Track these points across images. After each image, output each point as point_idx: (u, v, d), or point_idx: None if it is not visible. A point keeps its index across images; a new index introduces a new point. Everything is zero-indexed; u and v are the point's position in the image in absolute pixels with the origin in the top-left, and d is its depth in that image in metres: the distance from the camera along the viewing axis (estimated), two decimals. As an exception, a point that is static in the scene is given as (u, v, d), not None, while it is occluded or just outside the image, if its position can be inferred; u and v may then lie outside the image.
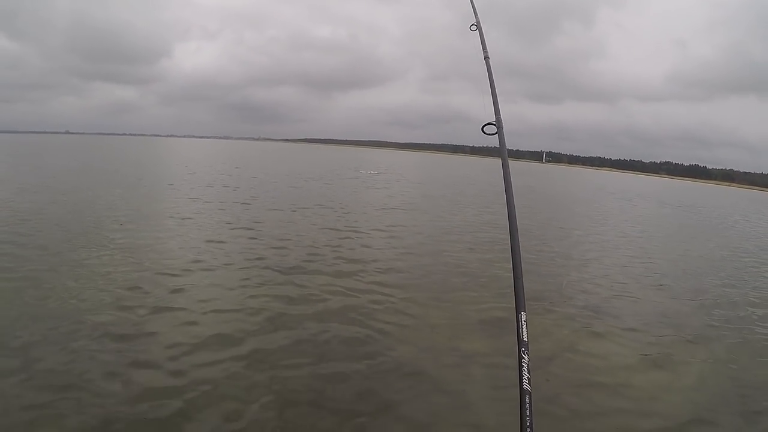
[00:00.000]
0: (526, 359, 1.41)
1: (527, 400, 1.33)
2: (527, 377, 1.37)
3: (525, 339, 1.47)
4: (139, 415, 3.41)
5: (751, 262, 11.40)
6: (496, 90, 2.48)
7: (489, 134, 2.25)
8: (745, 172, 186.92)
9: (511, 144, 2.19)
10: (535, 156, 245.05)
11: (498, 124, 2.27)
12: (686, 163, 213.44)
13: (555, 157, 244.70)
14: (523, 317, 1.53)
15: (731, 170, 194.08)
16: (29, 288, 5.66)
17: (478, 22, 2.95)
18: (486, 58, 2.78)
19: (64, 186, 15.43)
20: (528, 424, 1.30)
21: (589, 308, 6.48)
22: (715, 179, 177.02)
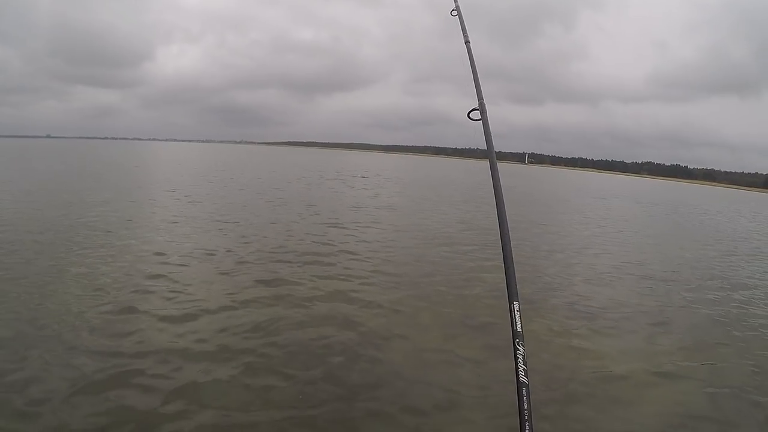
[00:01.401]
0: (521, 350, 1.35)
1: (524, 393, 1.28)
2: (523, 369, 1.32)
3: (519, 330, 1.41)
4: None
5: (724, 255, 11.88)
6: (478, 75, 2.44)
7: (474, 120, 2.18)
8: (726, 172, 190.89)
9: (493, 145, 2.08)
10: (518, 157, 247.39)
11: (481, 108, 2.21)
12: (668, 163, 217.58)
13: (537, 159, 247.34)
14: (516, 307, 1.47)
15: (712, 170, 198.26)
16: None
17: (457, 7, 2.97)
18: (467, 42, 2.75)
19: None
20: (526, 417, 1.25)
21: (575, 308, 6.45)
22: (696, 179, 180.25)
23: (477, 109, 2.20)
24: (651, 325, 5.95)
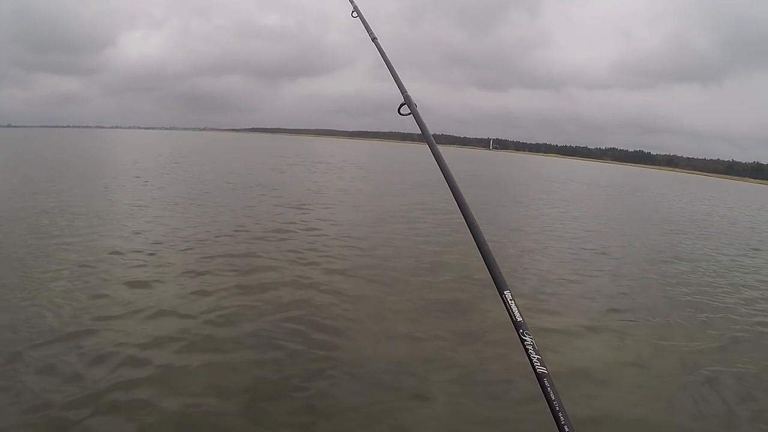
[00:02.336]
0: (529, 340, 1.23)
1: (546, 383, 1.15)
2: (537, 359, 1.19)
3: (519, 319, 1.28)
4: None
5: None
6: (396, 70, 2.44)
7: (404, 114, 2.15)
8: (688, 158, 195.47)
9: (458, 131, 2.15)
10: (483, 143, 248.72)
11: (407, 101, 2.17)
12: (631, 150, 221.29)
13: (502, 144, 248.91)
14: (509, 296, 1.33)
15: (675, 156, 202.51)
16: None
17: (355, 7, 3.05)
18: (374, 39, 2.77)
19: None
20: (557, 408, 1.12)
21: (542, 290, 6.79)
22: (659, 165, 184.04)
23: (404, 104, 2.17)
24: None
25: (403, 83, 2.34)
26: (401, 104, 2.18)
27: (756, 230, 16.16)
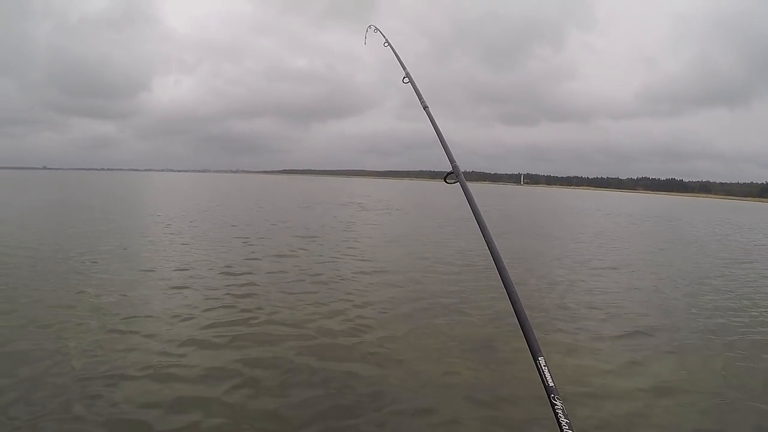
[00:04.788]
0: (560, 405, 1.28)
1: None
2: (566, 422, 1.25)
3: (551, 384, 1.34)
4: None
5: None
6: (445, 138, 2.40)
7: (451, 183, 2.13)
8: (721, 183, 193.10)
9: (488, 167, 1.95)
10: (513, 178, 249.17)
11: (456, 170, 2.14)
12: (663, 178, 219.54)
13: (533, 179, 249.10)
14: (542, 362, 1.39)
15: (707, 182, 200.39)
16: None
17: (408, 74, 3.04)
18: (425, 108, 2.70)
19: None
20: None
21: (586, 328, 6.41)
22: (692, 192, 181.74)
23: (452, 173, 2.14)
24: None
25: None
26: (449, 173, 2.16)
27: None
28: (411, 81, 2.93)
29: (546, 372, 1.37)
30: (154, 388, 4.25)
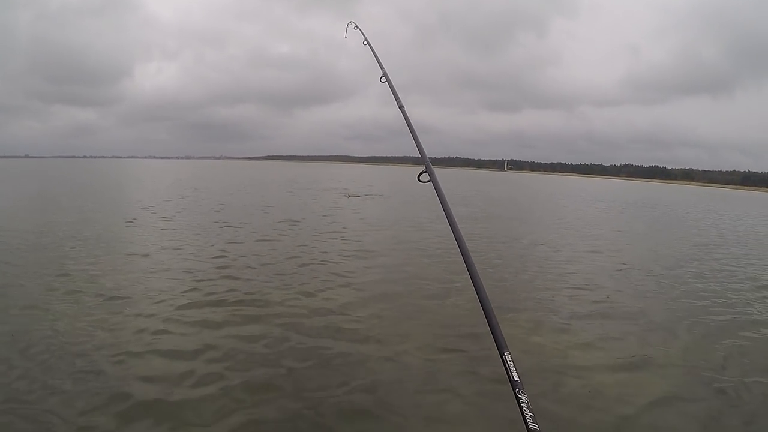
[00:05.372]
0: (524, 399, 1.33)
1: None
2: (530, 416, 1.29)
3: (516, 379, 1.38)
4: None
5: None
6: (419, 137, 2.44)
7: (424, 182, 2.17)
8: (704, 171, 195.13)
9: (471, 153, 2.03)
10: (497, 164, 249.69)
11: (428, 170, 2.18)
12: (646, 165, 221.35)
13: (517, 165, 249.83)
14: (509, 357, 1.43)
15: (690, 169, 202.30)
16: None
17: (385, 73, 3.07)
18: (401, 107, 2.74)
19: None
20: None
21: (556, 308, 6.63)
22: (675, 179, 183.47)
23: (425, 171, 2.17)
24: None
25: (424, 148, 2.36)
26: (422, 172, 2.19)
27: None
28: (388, 81, 2.97)
29: (512, 367, 1.41)
30: (135, 363, 4.43)
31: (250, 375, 4.28)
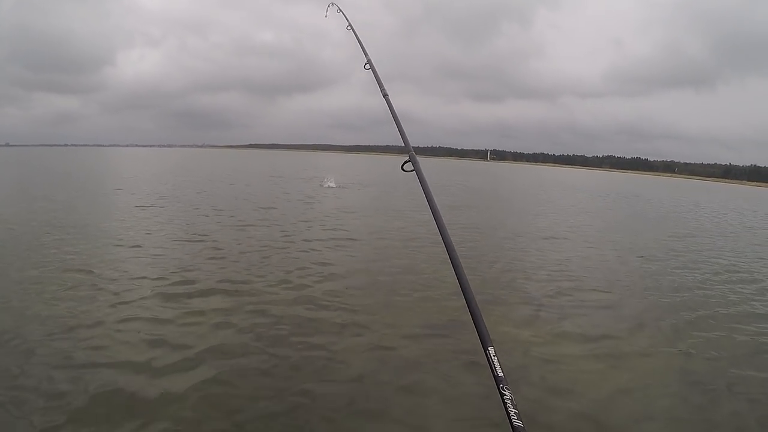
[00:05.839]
0: (508, 394, 1.29)
1: None
2: (515, 413, 1.26)
3: (500, 374, 1.35)
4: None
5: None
6: (403, 126, 2.41)
7: (407, 171, 2.15)
8: (685, 163, 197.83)
9: (454, 143, 1.98)
10: (480, 154, 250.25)
11: (412, 159, 2.16)
12: (628, 157, 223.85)
13: (499, 155, 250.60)
14: (492, 352, 1.40)
15: (672, 161, 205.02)
16: None
17: (369, 61, 3.05)
18: (385, 96, 2.72)
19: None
20: None
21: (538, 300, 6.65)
22: (656, 171, 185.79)
23: (409, 161, 2.15)
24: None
25: (407, 136, 2.31)
26: (405, 161, 2.16)
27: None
28: (372, 68, 2.94)
29: (496, 362, 1.38)
30: (106, 343, 4.53)
31: (229, 364, 4.25)
